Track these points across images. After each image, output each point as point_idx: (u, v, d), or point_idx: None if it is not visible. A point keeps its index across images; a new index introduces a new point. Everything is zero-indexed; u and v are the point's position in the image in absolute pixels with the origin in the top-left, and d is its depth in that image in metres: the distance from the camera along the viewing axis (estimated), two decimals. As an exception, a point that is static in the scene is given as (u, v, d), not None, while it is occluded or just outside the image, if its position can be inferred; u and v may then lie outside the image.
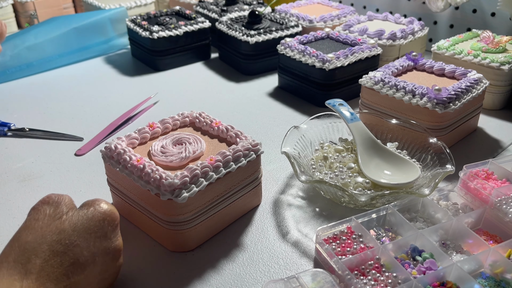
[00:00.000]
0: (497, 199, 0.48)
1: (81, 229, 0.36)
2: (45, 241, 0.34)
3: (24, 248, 0.34)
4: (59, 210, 0.37)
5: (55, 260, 0.34)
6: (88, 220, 0.37)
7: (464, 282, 0.41)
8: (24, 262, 0.33)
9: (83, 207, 0.39)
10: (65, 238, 0.35)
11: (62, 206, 0.37)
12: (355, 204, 0.52)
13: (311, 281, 0.41)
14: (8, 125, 0.70)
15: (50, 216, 0.36)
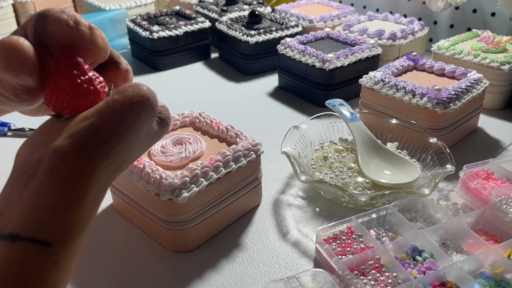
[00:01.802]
0: (497, 199, 0.48)
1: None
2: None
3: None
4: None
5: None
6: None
7: (464, 282, 0.41)
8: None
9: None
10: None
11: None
12: (355, 204, 0.51)
13: (311, 281, 0.41)
14: (8, 125, 0.70)
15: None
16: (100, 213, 0.52)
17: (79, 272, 0.45)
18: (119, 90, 0.26)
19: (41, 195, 0.23)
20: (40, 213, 0.23)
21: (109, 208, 0.53)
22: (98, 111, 0.25)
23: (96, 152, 0.24)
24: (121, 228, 0.50)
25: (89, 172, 0.24)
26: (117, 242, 0.48)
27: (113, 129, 0.25)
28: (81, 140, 0.24)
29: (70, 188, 0.24)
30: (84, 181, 0.24)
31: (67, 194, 0.23)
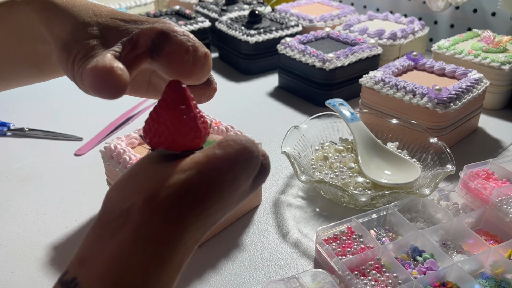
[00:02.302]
0: (497, 199, 0.48)
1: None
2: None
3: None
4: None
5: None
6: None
7: (465, 282, 0.40)
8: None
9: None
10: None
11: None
12: (356, 204, 0.51)
13: (311, 281, 0.41)
14: (8, 124, 0.70)
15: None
16: (99, 213, 0.52)
17: (79, 272, 0.44)
18: (222, 143, 0.23)
19: (124, 255, 0.21)
20: (119, 275, 0.21)
21: (108, 208, 0.53)
22: (196, 164, 0.23)
23: (188, 213, 0.22)
24: (120, 228, 0.50)
25: (177, 235, 0.22)
26: (117, 242, 0.48)
27: (209, 189, 0.22)
28: (174, 196, 0.22)
29: (155, 252, 0.22)
30: (171, 246, 0.22)
31: (150, 259, 0.21)
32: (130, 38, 0.26)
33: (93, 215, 0.52)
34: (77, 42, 0.26)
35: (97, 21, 0.27)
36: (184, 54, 0.26)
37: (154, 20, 0.27)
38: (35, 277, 0.44)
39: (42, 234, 0.49)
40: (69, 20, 0.28)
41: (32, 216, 0.52)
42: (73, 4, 0.29)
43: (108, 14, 0.28)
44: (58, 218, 0.52)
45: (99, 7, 0.29)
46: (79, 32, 0.27)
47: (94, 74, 0.24)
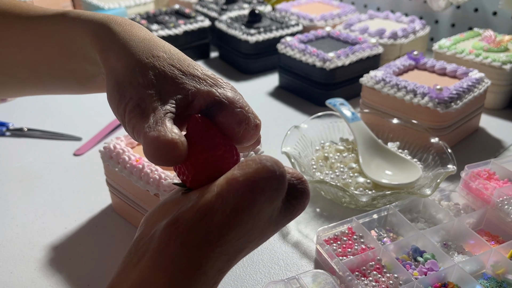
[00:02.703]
0: (499, 199, 0.48)
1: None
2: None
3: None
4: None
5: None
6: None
7: (466, 283, 0.40)
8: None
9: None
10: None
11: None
12: (356, 205, 0.51)
13: (312, 282, 0.41)
14: (7, 124, 0.70)
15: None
16: (98, 214, 0.52)
17: (78, 272, 0.44)
18: (241, 163, 0.22)
19: (143, 283, 0.21)
20: None
21: (108, 208, 0.53)
22: (215, 187, 0.22)
23: (204, 238, 0.21)
24: (120, 229, 0.50)
25: (195, 262, 0.21)
26: (116, 242, 0.48)
27: (225, 212, 0.21)
28: (190, 221, 0.21)
29: (172, 279, 0.21)
30: (188, 273, 0.21)
31: (167, 286, 0.21)
32: (185, 98, 0.25)
33: (93, 216, 0.52)
34: (132, 85, 0.25)
35: (154, 65, 0.26)
36: (236, 127, 0.25)
37: (212, 81, 0.26)
38: (34, 278, 0.44)
39: (41, 235, 0.49)
40: (126, 56, 0.26)
41: (31, 216, 0.52)
42: (131, 37, 0.28)
43: (166, 58, 0.26)
44: (57, 218, 0.52)
45: (157, 45, 0.27)
46: (134, 75, 0.25)
47: (156, 148, 0.23)
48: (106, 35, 0.28)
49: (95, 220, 0.51)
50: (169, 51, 0.27)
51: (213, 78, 0.27)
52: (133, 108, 0.25)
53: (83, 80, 0.33)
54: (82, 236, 0.49)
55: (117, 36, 0.28)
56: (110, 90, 0.27)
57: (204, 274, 0.21)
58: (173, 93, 0.25)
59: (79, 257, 0.46)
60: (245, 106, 0.26)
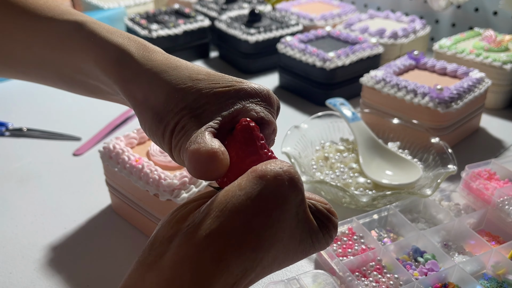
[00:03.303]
0: (499, 199, 0.48)
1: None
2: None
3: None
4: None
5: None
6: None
7: (466, 283, 0.40)
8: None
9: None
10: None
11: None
12: (356, 205, 0.51)
13: (312, 282, 0.40)
14: (6, 124, 0.70)
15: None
16: (98, 214, 0.52)
17: (78, 273, 0.44)
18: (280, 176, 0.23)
19: (165, 282, 0.21)
20: None
21: (107, 209, 0.53)
22: (238, 188, 0.22)
23: (226, 254, 0.21)
24: (120, 229, 0.50)
25: (223, 269, 0.20)
26: (116, 243, 0.48)
27: (246, 231, 0.21)
28: (218, 218, 0.21)
29: (195, 277, 0.20)
30: (212, 272, 0.20)
31: (191, 285, 0.20)
32: (230, 113, 0.25)
33: (92, 216, 0.52)
34: (173, 112, 0.25)
35: (194, 87, 0.26)
36: (272, 135, 0.28)
37: (252, 92, 0.27)
38: (33, 278, 0.44)
39: (40, 235, 0.49)
40: (161, 86, 0.26)
41: (31, 216, 0.52)
42: (162, 64, 0.27)
43: (205, 78, 0.26)
44: (57, 218, 0.51)
45: (194, 70, 0.27)
46: (174, 101, 0.25)
47: (196, 160, 0.23)
48: (128, 66, 0.27)
49: (94, 220, 0.51)
50: (207, 72, 0.27)
51: (254, 89, 0.27)
52: (178, 133, 0.25)
53: (93, 91, 0.32)
54: (82, 236, 0.49)
55: (143, 67, 0.27)
56: (150, 122, 0.26)
57: (226, 272, 0.21)
58: (218, 111, 0.25)
59: (78, 257, 0.46)
60: (273, 122, 0.28)
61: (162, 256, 0.21)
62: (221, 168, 0.23)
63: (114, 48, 0.28)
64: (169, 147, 0.26)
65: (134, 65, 0.27)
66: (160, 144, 0.27)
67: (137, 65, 0.27)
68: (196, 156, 0.23)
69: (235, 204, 0.21)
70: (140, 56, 0.27)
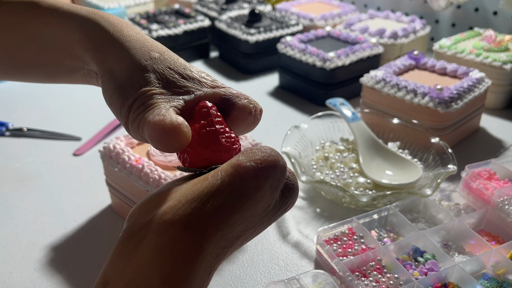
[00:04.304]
0: (499, 199, 0.48)
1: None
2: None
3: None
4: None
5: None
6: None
7: (466, 283, 0.40)
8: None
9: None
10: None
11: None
12: (356, 205, 0.51)
13: (312, 282, 0.41)
14: (6, 124, 0.70)
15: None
16: (98, 214, 0.52)
17: (78, 273, 0.44)
18: (246, 151, 0.23)
19: (145, 271, 0.21)
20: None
21: (107, 209, 0.53)
22: (219, 171, 0.22)
23: (208, 221, 0.21)
24: (120, 229, 0.50)
25: (198, 246, 0.21)
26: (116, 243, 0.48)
27: (231, 195, 0.21)
28: (194, 204, 0.21)
29: (175, 266, 0.20)
30: (191, 257, 0.21)
31: (171, 272, 0.20)
32: (193, 100, 0.26)
33: (92, 216, 0.52)
34: (133, 87, 0.26)
35: (154, 68, 0.26)
36: (248, 116, 0.27)
37: (212, 82, 0.27)
38: (33, 278, 0.44)
39: (40, 235, 0.49)
40: (125, 59, 0.27)
41: (31, 216, 0.52)
42: (125, 37, 0.27)
43: (164, 61, 0.27)
44: (57, 218, 0.51)
45: (153, 47, 0.28)
46: (136, 77, 0.26)
47: (160, 129, 0.23)
48: (99, 34, 0.28)
49: (94, 220, 0.51)
50: (162, 51, 0.28)
51: (211, 79, 0.27)
52: (138, 107, 0.25)
53: (52, 73, 0.32)
54: (82, 236, 0.49)
55: (112, 37, 0.27)
56: (111, 93, 0.27)
57: (204, 260, 0.21)
58: (175, 94, 0.26)
59: (78, 257, 0.46)
60: (248, 96, 0.27)
61: (142, 241, 0.21)
62: (184, 141, 0.24)
63: (81, 19, 0.28)
64: (125, 120, 0.26)
65: (103, 35, 0.28)
66: (117, 116, 0.27)
67: (106, 35, 0.28)
68: (161, 126, 0.23)
69: (202, 192, 0.22)
70: (107, 26, 0.28)
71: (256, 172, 0.22)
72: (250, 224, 0.23)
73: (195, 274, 0.21)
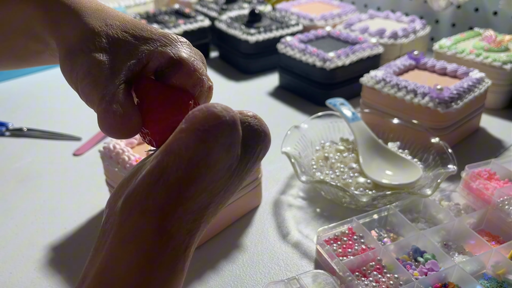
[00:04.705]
0: (499, 199, 0.48)
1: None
2: None
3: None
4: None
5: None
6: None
7: (466, 283, 0.40)
8: None
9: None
10: None
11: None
12: (356, 205, 0.51)
13: (312, 282, 0.41)
14: (6, 124, 0.70)
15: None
16: (98, 214, 0.52)
17: (78, 273, 0.44)
18: (188, 116, 0.21)
19: (109, 261, 0.20)
20: (110, 285, 0.19)
21: (108, 208, 0.53)
22: (165, 146, 0.21)
23: (163, 199, 0.20)
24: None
25: (158, 226, 0.20)
26: (116, 242, 0.48)
27: (179, 168, 0.20)
28: (146, 185, 0.20)
29: (139, 250, 0.20)
30: (154, 241, 0.20)
31: (135, 259, 0.20)
32: (139, 61, 0.25)
33: (92, 216, 0.52)
34: (83, 52, 0.25)
35: (107, 33, 0.26)
36: (190, 89, 0.25)
37: (167, 40, 0.26)
38: (33, 278, 0.44)
39: (40, 235, 0.49)
40: (79, 25, 0.26)
41: (31, 216, 0.52)
42: (83, 7, 0.27)
43: (119, 25, 0.26)
44: (57, 218, 0.51)
45: (111, 15, 0.27)
46: (86, 42, 0.25)
47: (109, 124, 0.23)
48: (56, 7, 0.27)
49: (94, 220, 0.51)
50: (123, 19, 0.27)
51: (168, 37, 0.26)
52: (84, 76, 0.24)
53: (24, 56, 0.31)
54: (82, 236, 0.49)
55: (69, 7, 0.27)
56: (62, 59, 0.26)
57: (171, 239, 0.20)
58: (127, 59, 0.25)
59: (79, 257, 0.46)
60: (200, 68, 0.25)
61: (109, 235, 0.21)
62: (132, 131, 0.24)
63: None
64: (75, 88, 0.26)
65: (60, 7, 0.27)
66: (69, 82, 0.27)
67: (63, 6, 0.27)
68: (109, 120, 0.23)
69: (152, 172, 0.21)
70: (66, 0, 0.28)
71: (200, 137, 0.20)
72: (215, 190, 0.21)
73: (163, 255, 0.20)
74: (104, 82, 0.24)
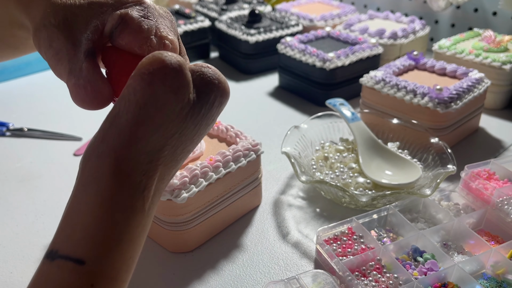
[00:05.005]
0: (498, 199, 0.48)
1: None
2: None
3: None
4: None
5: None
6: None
7: (466, 283, 0.40)
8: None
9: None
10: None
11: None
12: (356, 205, 0.51)
13: (312, 282, 0.41)
14: (7, 124, 0.70)
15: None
16: (99, 213, 0.52)
17: (78, 273, 0.44)
18: (140, 63, 0.22)
19: (73, 204, 0.21)
20: (72, 226, 0.21)
21: (108, 208, 0.53)
22: (121, 93, 0.23)
23: (116, 143, 0.21)
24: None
25: (113, 167, 0.21)
26: (116, 242, 0.48)
27: (129, 111, 0.22)
28: (101, 132, 0.22)
29: (96, 190, 0.21)
30: (111, 181, 0.21)
31: (93, 199, 0.21)
32: (96, 28, 0.26)
33: (93, 216, 0.52)
34: (45, 27, 0.26)
35: (65, 5, 0.26)
36: (137, 49, 0.25)
37: (122, 2, 0.26)
38: (34, 278, 0.44)
39: (41, 235, 0.49)
40: (42, 2, 0.27)
41: (31, 216, 0.52)
42: None
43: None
44: (57, 218, 0.51)
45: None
46: (47, 17, 0.26)
47: (81, 98, 0.25)
48: None
49: (95, 220, 0.51)
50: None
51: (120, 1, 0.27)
52: (47, 50, 0.25)
53: (15, 44, 0.32)
54: (82, 236, 0.49)
55: None
56: (32, 38, 0.27)
57: (127, 178, 0.21)
58: (84, 29, 0.26)
59: (79, 257, 0.46)
60: (147, 28, 0.25)
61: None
62: (104, 103, 0.25)
63: None
64: (48, 62, 0.27)
65: None
66: (42, 56, 0.27)
67: None
68: (77, 91, 0.25)
69: (115, 113, 0.23)
70: None
71: (146, 80, 0.21)
72: (167, 132, 0.22)
73: (119, 194, 0.21)
74: (66, 55, 0.25)
